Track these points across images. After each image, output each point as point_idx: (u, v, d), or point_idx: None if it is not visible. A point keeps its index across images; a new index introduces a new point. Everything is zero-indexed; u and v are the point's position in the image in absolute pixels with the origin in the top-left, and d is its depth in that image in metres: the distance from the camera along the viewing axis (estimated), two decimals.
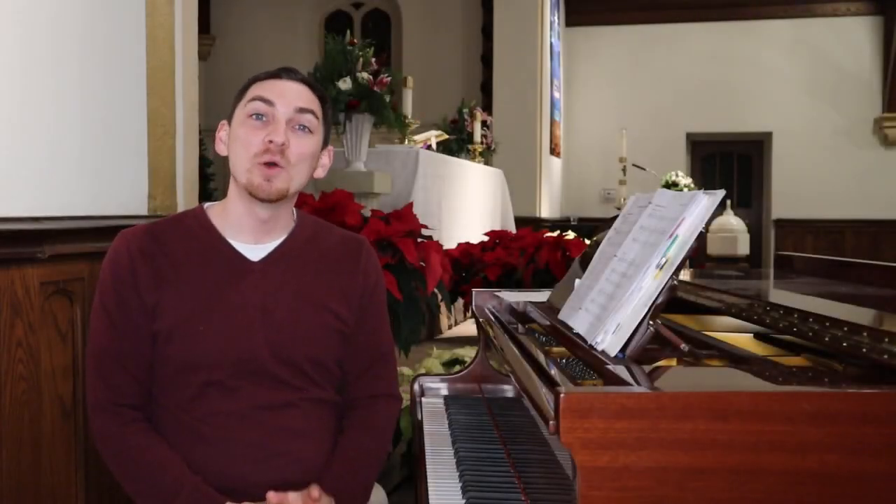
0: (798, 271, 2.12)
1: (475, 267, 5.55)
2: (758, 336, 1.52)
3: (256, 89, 1.48)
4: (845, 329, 1.09)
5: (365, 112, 5.06)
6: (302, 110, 1.47)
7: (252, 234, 1.51)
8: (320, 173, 1.55)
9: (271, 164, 1.43)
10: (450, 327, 6.27)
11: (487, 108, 9.33)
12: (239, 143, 1.46)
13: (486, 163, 8.33)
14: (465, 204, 7.11)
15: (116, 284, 1.45)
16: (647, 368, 1.15)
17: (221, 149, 1.53)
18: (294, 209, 1.59)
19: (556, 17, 10.35)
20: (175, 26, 2.40)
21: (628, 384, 1.01)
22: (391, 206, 4.55)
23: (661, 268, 1.20)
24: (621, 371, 1.08)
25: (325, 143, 1.55)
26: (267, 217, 1.50)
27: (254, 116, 1.45)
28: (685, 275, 2.02)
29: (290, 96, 1.47)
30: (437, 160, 6.48)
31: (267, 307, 1.47)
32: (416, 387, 1.95)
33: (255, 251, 1.51)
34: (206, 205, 1.57)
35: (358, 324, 1.56)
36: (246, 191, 1.46)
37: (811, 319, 1.18)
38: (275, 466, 1.44)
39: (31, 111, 1.85)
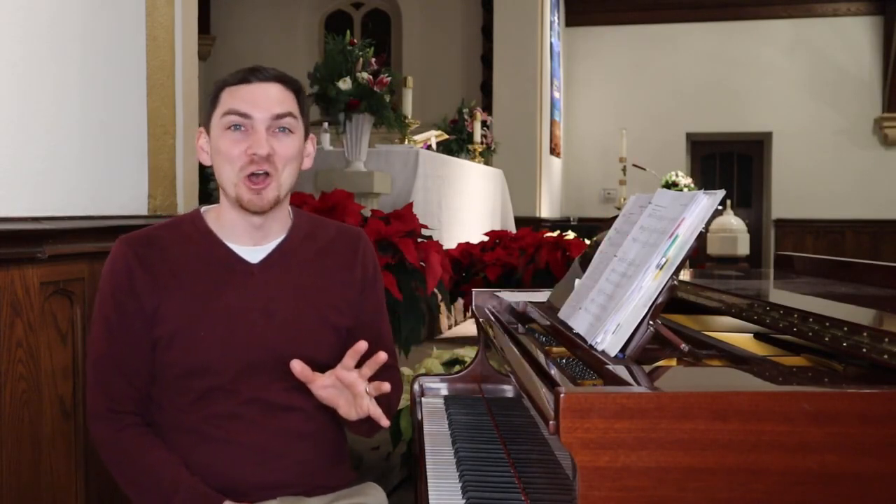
0: (798, 271, 2.12)
1: (475, 267, 5.55)
2: (758, 336, 1.51)
3: (229, 100, 1.44)
4: (845, 329, 1.09)
5: (365, 112, 5.06)
6: (279, 116, 1.44)
7: (249, 238, 1.50)
8: (307, 164, 1.52)
9: (257, 176, 1.41)
10: (450, 327, 6.27)
11: (487, 108, 9.33)
12: (221, 156, 1.43)
13: (486, 163, 8.33)
14: (465, 204, 7.11)
15: (115, 291, 1.44)
16: (647, 368, 1.15)
17: (204, 158, 1.50)
18: (290, 207, 1.57)
19: (556, 17, 10.35)
20: (175, 26, 2.40)
21: (628, 384, 1.01)
22: (391, 206, 4.56)
23: (661, 268, 1.20)
24: (621, 371, 1.07)
25: (307, 134, 1.52)
26: (261, 223, 1.49)
27: (231, 128, 1.42)
28: (685, 275, 2.01)
29: (265, 103, 1.43)
30: (437, 160, 6.48)
31: (268, 309, 1.46)
32: (416, 387, 1.95)
33: (253, 253, 1.50)
34: (203, 208, 1.56)
35: (358, 315, 1.55)
36: (237, 203, 1.45)
37: (811, 319, 1.18)
38: (276, 468, 1.44)
39: (31, 111, 1.85)
